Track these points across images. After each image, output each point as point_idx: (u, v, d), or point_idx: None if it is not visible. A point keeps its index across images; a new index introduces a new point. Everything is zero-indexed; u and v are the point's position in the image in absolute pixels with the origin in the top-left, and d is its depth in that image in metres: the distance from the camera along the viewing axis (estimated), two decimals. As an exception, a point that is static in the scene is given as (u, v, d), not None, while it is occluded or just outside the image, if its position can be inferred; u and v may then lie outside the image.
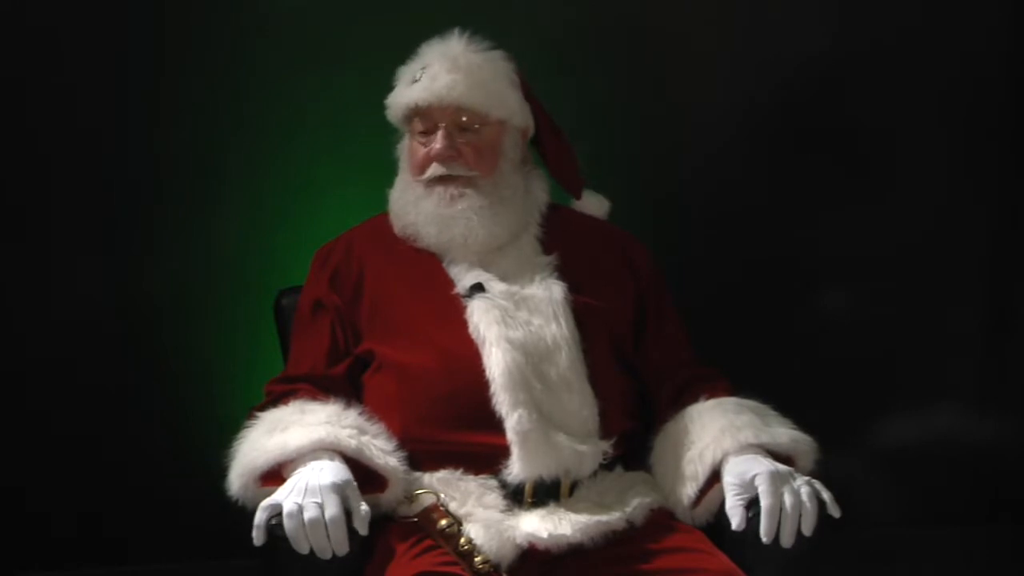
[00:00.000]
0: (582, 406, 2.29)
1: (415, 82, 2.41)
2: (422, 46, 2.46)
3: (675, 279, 2.58)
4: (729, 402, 2.34)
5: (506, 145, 2.43)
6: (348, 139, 3.00)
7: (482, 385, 2.25)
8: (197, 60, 3.00)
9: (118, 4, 2.95)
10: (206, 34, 2.99)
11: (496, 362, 2.25)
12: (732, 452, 2.23)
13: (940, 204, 3.32)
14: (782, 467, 2.20)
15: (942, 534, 3.41)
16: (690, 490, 2.27)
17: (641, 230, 2.58)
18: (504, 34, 2.50)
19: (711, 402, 2.34)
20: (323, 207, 2.99)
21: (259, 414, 2.27)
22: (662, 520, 2.27)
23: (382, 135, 2.53)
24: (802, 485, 2.17)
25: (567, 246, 2.44)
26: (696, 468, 2.26)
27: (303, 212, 3.02)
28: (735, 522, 2.17)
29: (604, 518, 2.22)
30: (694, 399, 2.36)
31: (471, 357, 2.27)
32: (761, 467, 2.18)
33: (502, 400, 2.23)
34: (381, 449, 2.22)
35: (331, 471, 2.12)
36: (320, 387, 2.31)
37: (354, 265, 2.44)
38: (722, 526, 2.24)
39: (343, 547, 2.07)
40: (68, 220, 3.01)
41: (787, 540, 2.13)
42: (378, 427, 2.25)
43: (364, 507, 2.11)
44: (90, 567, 3.09)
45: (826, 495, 2.18)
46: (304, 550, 2.05)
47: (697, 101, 3.22)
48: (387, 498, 2.23)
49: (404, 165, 2.47)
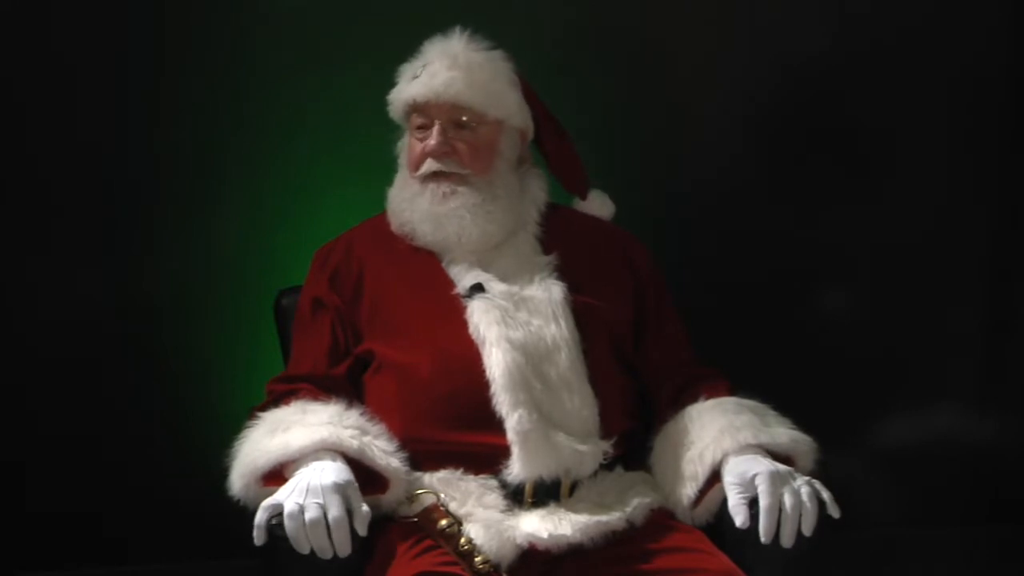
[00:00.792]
0: (582, 406, 2.29)
1: (415, 78, 2.42)
2: (425, 44, 2.46)
3: (675, 279, 2.58)
4: (729, 402, 2.34)
5: (502, 145, 2.43)
6: (348, 139, 3.00)
7: (482, 385, 2.25)
8: (197, 60, 2.99)
9: (118, 4, 2.95)
10: (206, 34, 2.99)
11: (496, 362, 2.25)
12: (732, 452, 2.23)
13: (940, 204, 3.32)
14: (782, 467, 2.20)
15: (942, 534, 3.41)
16: (690, 490, 2.27)
17: (641, 230, 2.58)
18: (504, 34, 2.50)
19: (711, 402, 2.34)
20: (323, 207, 2.98)
21: (260, 414, 2.27)
22: (662, 520, 2.27)
23: (382, 135, 2.53)
24: (802, 485, 2.17)
25: (567, 246, 2.44)
26: (696, 468, 2.26)
27: (303, 212, 3.02)
28: (739, 520, 2.16)
29: (604, 518, 2.22)
30: (694, 399, 2.36)
31: (471, 357, 2.27)
32: (761, 467, 2.18)
33: (502, 400, 2.23)
34: (383, 450, 2.21)
35: (333, 471, 2.12)
36: (321, 387, 2.31)
37: (354, 265, 2.44)
38: (722, 526, 2.24)
39: (345, 548, 2.06)
40: (68, 220, 3.00)
41: (787, 540, 2.13)
42: (379, 428, 2.25)
43: (365, 508, 2.11)
44: (90, 567, 3.09)
45: (826, 495, 2.17)
46: (305, 550, 2.05)
47: (697, 101, 3.22)
48: (388, 499, 2.23)
49: (403, 162, 2.48)
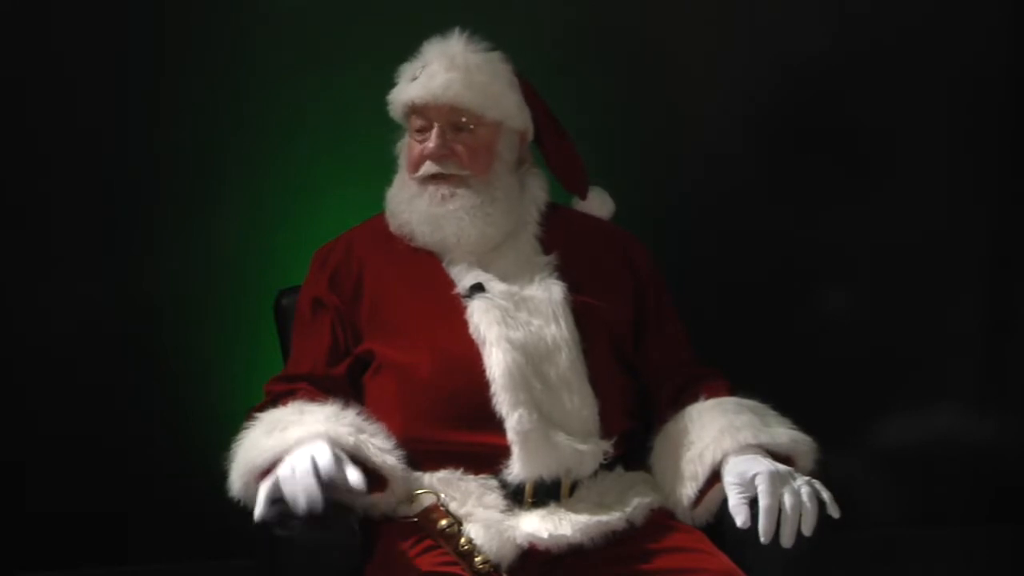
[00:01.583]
0: (582, 406, 2.29)
1: (415, 80, 2.42)
2: (425, 45, 2.46)
3: (675, 279, 2.58)
4: (729, 402, 2.34)
5: (501, 146, 2.43)
6: (348, 139, 3.00)
7: (482, 385, 2.25)
8: (197, 60, 2.99)
9: (118, 4, 2.95)
10: (206, 34, 2.99)
11: (496, 362, 2.25)
12: (732, 452, 2.23)
13: (940, 204, 3.32)
14: (782, 467, 2.20)
15: (942, 534, 3.41)
16: (690, 490, 2.27)
17: (641, 230, 2.58)
18: (504, 34, 2.50)
19: (711, 402, 2.34)
20: (323, 207, 2.98)
21: (258, 415, 2.26)
22: (662, 520, 2.27)
23: (382, 135, 2.53)
24: (802, 485, 2.17)
25: (567, 246, 2.44)
26: (696, 468, 2.26)
27: (303, 212, 3.02)
28: (739, 520, 2.16)
29: (604, 518, 2.22)
30: (694, 399, 2.36)
31: (471, 357, 2.27)
32: (761, 467, 2.18)
33: (502, 400, 2.23)
34: (379, 447, 2.21)
35: (325, 445, 2.12)
36: (320, 387, 2.31)
37: (354, 265, 2.44)
38: (722, 526, 2.24)
39: (343, 479, 2.07)
40: (68, 220, 3.01)
41: (787, 540, 2.13)
42: (376, 427, 2.25)
43: (355, 470, 2.11)
44: (90, 567, 3.09)
45: (826, 495, 2.17)
46: (301, 504, 2.04)
47: (697, 101, 3.22)
48: (387, 498, 2.23)
49: (402, 162, 2.48)
